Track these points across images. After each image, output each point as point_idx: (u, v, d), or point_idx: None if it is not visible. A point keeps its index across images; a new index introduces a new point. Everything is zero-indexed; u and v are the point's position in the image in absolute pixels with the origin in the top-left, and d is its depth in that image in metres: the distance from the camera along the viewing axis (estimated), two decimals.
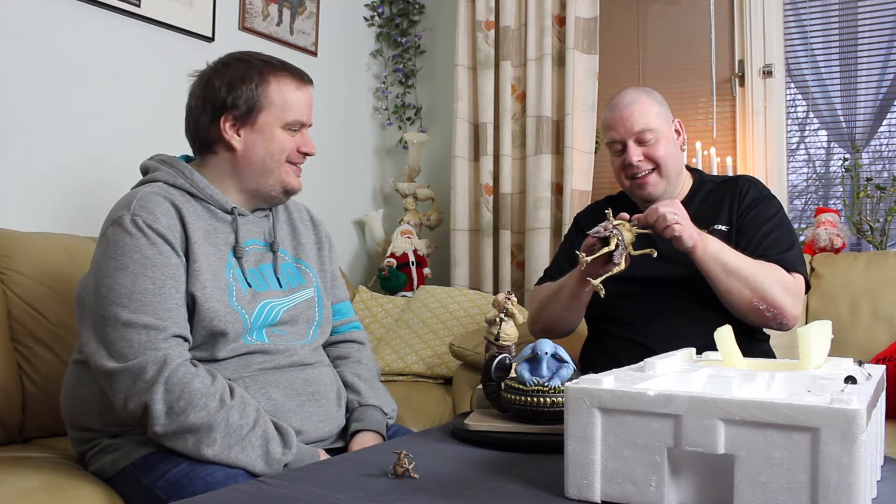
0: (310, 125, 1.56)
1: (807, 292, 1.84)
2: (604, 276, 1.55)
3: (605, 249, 1.55)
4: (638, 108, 1.82)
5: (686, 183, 1.93)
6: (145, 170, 1.53)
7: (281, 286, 1.52)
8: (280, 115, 1.49)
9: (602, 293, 1.53)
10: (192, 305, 1.38)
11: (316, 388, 1.48)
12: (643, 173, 1.83)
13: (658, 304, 1.81)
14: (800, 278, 1.75)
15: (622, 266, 1.57)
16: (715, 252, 1.67)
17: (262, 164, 1.49)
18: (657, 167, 1.83)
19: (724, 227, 1.83)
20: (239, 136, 1.48)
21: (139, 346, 1.29)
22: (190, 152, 1.58)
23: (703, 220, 1.82)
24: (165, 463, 1.32)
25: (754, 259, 1.72)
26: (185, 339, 1.35)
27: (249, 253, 1.50)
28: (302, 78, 1.53)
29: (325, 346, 1.64)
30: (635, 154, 1.82)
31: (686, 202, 1.87)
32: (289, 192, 1.54)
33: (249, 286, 1.47)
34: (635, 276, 1.70)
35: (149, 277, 1.33)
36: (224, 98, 1.47)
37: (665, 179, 1.84)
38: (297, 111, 1.50)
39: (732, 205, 1.85)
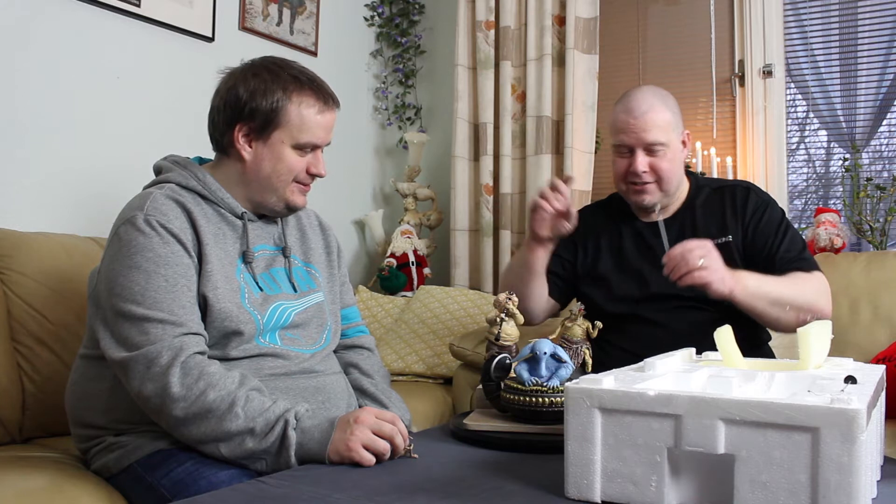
0: (326, 145, 1.52)
1: None
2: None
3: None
4: (653, 117, 1.78)
5: (683, 188, 1.91)
6: (158, 170, 1.53)
7: (295, 290, 1.52)
8: (294, 134, 1.45)
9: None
10: (203, 306, 1.38)
11: (326, 397, 1.47)
12: (644, 182, 1.81)
13: (663, 319, 1.80)
14: (821, 275, 1.77)
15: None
16: (755, 287, 1.64)
17: (268, 181, 1.48)
18: (659, 179, 1.81)
19: (729, 238, 1.81)
20: (250, 147, 1.46)
21: (154, 336, 1.30)
22: (200, 154, 1.58)
23: (704, 228, 1.82)
24: (171, 461, 1.32)
25: (776, 271, 1.72)
26: (202, 337, 1.35)
27: (259, 258, 1.50)
28: (326, 101, 1.49)
29: (335, 351, 1.64)
30: (641, 164, 1.79)
31: (685, 208, 1.88)
32: (291, 209, 1.53)
33: (261, 290, 1.46)
34: (634, 295, 1.75)
35: (161, 275, 1.34)
36: (243, 107, 1.44)
37: (663, 192, 1.83)
38: (312, 133, 1.47)
39: (735, 216, 1.83)
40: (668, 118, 1.81)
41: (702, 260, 1.55)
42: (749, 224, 1.82)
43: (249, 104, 1.44)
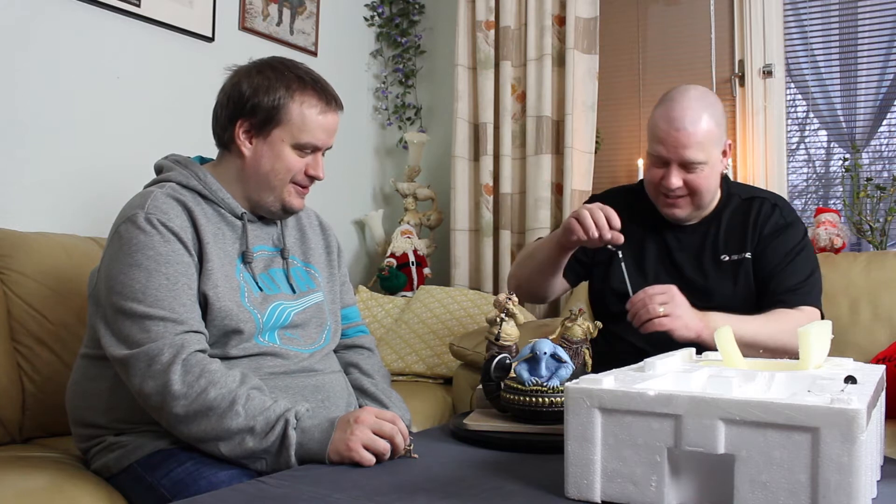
0: (327, 148, 1.52)
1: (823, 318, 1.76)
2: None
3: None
4: (696, 132, 1.66)
5: (715, 197, 1.83)
6: (159, 169, 1.53)
7: (293, 290, 1.53)
8: (294, 134, 1.45)
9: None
10: (203, 305, 1.38)
11: (326, 395, 1.47)
12: (676, 196, 1.74)
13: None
14: (810, 310, 1.71)
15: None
16: None
17: (266, 179, 1.47)
18: (692, 194, 1.73)
19: (747, 255, 1.78)
20: (250, 144, 1.47)
21: (155, 334, 1.30)
22: (201, 154, 1.59)
23: (724, 243, 1.79)
24: (171, 461, 1.32)
25: (765, 300, 1.69)
26: (203, 335, 1.35)
27: (258, 259, 1.50)
28: (329, 102, 1.49)
29: (335, 351, 1.64)
30: (676, 180, 1.70)
31: (713, 217, 1.83)
32: (288, 211, 1.53)
33: (260, 290, 1.47)
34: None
35: (162, 274, 1.34)
36: (245, 103, 1.45)
37: (695, 206, 1.77)
38: (313, 134, 1.47)
39: (754, 231, 1.78)
40: (713, 132, 1.69)
41: (662, 307, 1.52)
42: (762, 242, 1.78)
43: (251, 100, 1.45)
